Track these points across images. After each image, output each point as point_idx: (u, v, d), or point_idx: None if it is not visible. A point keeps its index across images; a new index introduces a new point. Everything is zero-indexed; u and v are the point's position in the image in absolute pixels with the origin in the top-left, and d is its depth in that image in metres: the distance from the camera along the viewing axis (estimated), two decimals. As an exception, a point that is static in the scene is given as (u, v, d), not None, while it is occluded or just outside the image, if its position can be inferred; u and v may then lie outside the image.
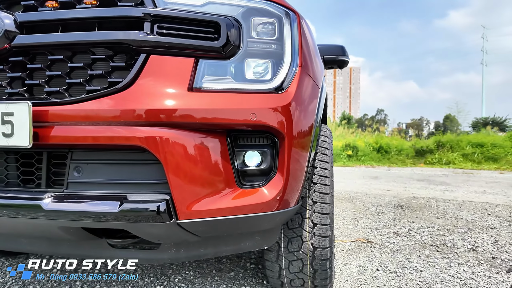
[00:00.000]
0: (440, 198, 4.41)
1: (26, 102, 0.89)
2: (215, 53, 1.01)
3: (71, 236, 1.03)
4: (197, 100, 0.96)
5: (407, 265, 1.96)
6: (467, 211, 3.54)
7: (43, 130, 0.93)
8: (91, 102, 0.93)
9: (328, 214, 1.32)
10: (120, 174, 0.98)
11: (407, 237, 2.55)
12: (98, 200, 0.93)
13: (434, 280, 1.75)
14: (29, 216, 0.95)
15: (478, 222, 3.05)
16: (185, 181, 0.94)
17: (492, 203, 4.04)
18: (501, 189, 5.48)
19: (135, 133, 0.91)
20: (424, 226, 2.90)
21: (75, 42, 0.95)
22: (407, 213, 3.44)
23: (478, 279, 1.77)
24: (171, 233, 0.97)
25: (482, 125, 24.96)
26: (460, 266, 1.95)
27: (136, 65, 0.96)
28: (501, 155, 10.50)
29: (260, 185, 1.04)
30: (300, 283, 1.41)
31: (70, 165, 0.98)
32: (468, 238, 2.52)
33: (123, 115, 0.92)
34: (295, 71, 1.10)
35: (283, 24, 1.10)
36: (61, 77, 0.98)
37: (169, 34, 0.98)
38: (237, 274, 1.81)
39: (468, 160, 10.77)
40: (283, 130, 1.03)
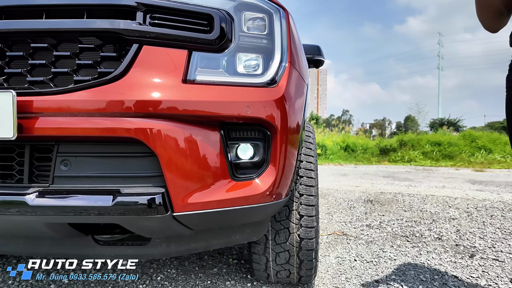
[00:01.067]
0: (405, 193, 4.67)
1: (10, 91, 0.84)
2: (208, 46, 1.01)
3: (56, 233, 0.98)
4: (192, 92, 0.96)
5: (382, 255, 2.06)
6: (430, 204, 3.78)
7: (28, 122, 0.88)
8: (83, 92, 0.90)
9: (314, 205, 1.36)
10: (110, 168, 0.95)
11: (379, 229, 2.68)
12: (89, 195, 0.90)
13: (407, 267, 1.86)
14: (11, 213, 0.89)
15: (441, 214, 3.27)
16: (180, 173, 0.93)
17: (452, 197, 4.35)
18: (458, 184, 5.90)
19: (130, 125, 0.89)
20: (394, 218, 3.06)
21: (64, 29, 0.91)
22: (376, 207, 3.61)
23: (446, 264, 1.91)
24: (166, 226, 0.96)
25: (438, 125, 26.63)
26: (429, 254, 2.08)
27: (128, 55, 0.93)
28: (456, 153, 11.29)
29: (253, 177, 1.05)
30: (286, 274, 1.44)
31: (56, 158, 0.94)
32: (433, 228, 2.70)
33: (117, 106, 0.90)
34: (285, 66, 1.13)
35: (273, 20, 1.13)
36: (48, 66, 0.93)
37: (162, 25, 0.97)
38: (220, 270, 1.81)
39: (427, 157, 11.46)
40: (276, 123, 1.05)
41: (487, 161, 10.24)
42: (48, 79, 0.93)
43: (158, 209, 0.89)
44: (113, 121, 0.89)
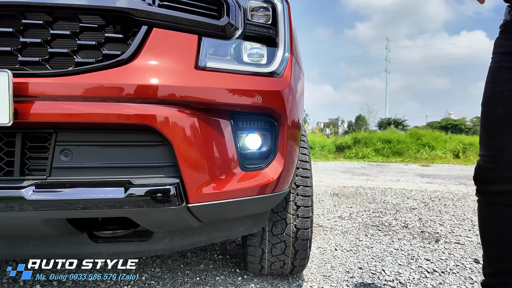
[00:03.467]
0: (366, 186, 4.94)
1: (5, 71, 0.75)
2: (217, 32, 0.98)
3: (52, 230, 0.89)
4: (205, 79, 0.92)
5: (359, 244, 2.17)
6: (391, 196, 4.05)
7: (24, 106, 0.79)
8: (88, 75, 0.82)
9: (309, 196, 1.39)
10: (117, 158, 0.88)
11: (350, 220, 2.81)
12: (96, 187, 0.83)
13: (384, 254, 1.98)
14: (3, 210, 0.79)
15: (402, 204, 3.52)
16: (195, 163, 0.89)
17: (407, 189, 4.69)
18: (410, 177, 6.39)
19: (144, 112, 0.83)
20: (361, 210, 3.23)
21: (70, 5, 0.82)
22: (343, 200, 3.78)
23: (417, 249, 2.06)
24: (178, 218, 0.92)
25: (386, 124, 28.54)
26: (400, 241, 2.23)
27: (137, 37, 0.88)
28: (404, 149, 12.19)
29: (262, 167, 1.05)
30: (280, 265, 1.46)
31: (55, 148, 0.85)
32: (399, 218, 2.90)
33: (128, 91, 0.83)
34: (288, 57, 1.14)
35: (277, 10, 1.13)
36: (47, 46, 0.84)
37: (172, 7, 0.92)
38: (207, 266, 1.77)
39: (379, 154, 12.23)
40: (284, 112, 1.06)
41: (430, 157, 11.20)
42: (46, 60, 0.84)
43: (174, 200, 0.85)
44: (126, 108, 0.83)
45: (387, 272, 1.70)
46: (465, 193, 4.33)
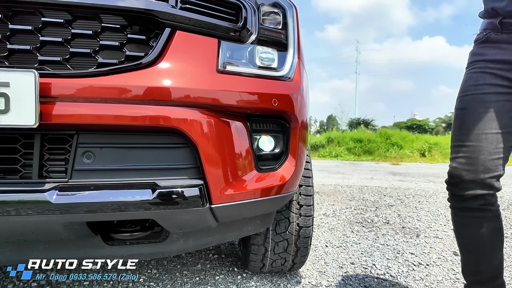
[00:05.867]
0: (343, 184, 5.12)
1: (32, 71, 0.72)
2: (235, 36, 1.00)
3: (71, 234, 0.87)
4: (226, 82, 0.94)
5: (347, 240, 2.26)
6: (368, 194, 4.22)
7: (48, 107, 0.77)
8: (114, 76, 0.82)
9: (311, 195, 1.44)
10: (141, 160, 0.88)
11: (335, 218, 2.91)
12: (122, 189, 0.82)
13: (372, 249, 2.08)
14: (25, 214, 0.77)
15: (380, 201, 3.69)
16: (218, 164, 0.91)
17: (382, 187, 4.92)
18: (382, 175, 6.68)
19: (172, 114, 0.84)
20: (343, 207, 3.35)
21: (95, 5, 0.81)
22: (324, 198, 3.90)
23: (401, 244, 2.19)
24: (200, 219, 0.93)
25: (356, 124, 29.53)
26: (384, 236, 2.35)
27: (161, 40, 0.88)
28: (374, 148, 12.71)
29: (276, 168, 1.08)
30: (281, 262, 1.50)
31: (76, 149, 0.83)
32: (379, 214, 3.04)
33: (154, 94, 0.83)
34: (296, 60, 1.18)
35: (287, 15, 1.16)
36: (71, 45, 0.82)
37: (193, 10, 0.93)
38: (204, 265, 1.78)
39: (351, 153, 12.67)
40: (295, 115, 1.09)
41: (399, 155, 11.76)
42: (67, 60, 0.82)
43: (200, 201, 0.86)
44: (153, 110, 0.83)
45: (378, 266, 1.80)
46: (435, 190, 4.61)
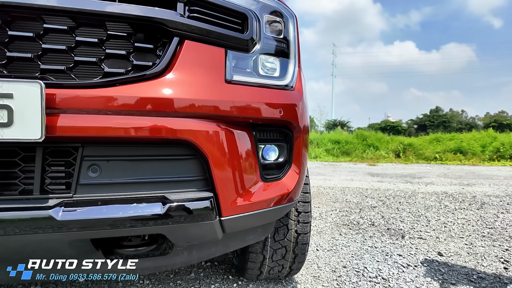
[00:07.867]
0: (325, 186, 5.20)
1: (38, 82, 0.68)
2: (241, 45, 1.00)
3: (74, 251, 0.83)
4: (234, 93, 0.93)
5: (336, 243, 2.30)
6: (351, 195, 4.32)
7: (53, 119, 0.73)
8: (121, 87, 0.78)
9: (309, 202, 1.45)
10: (149, 172, 0.85)
11: (322, 220, 2.95)
12: (131, 203, 0.79)
13: (361, 251, 2.13)
14: (28, 232, 0.72)
15: (363, 203, 3.78)
16: (228, 175, 0.90)
17: (362, 188, 5.04)
18: (361, 176, 6.84)
19: (184, 126, 0.82)
20: (328, 210, 3.40)
21: (100, 12, 0.77)
22: (309, 201, 3.94)
23: (388, 245, 2.25)
24: (209, 231, 0.91)
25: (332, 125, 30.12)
26: (372, 238, 2.41)
27: (169, 49, 0.85)
28: (352, 150, 13.01)
29: (280, 177, 1.08)
30: (279, 269, 1.50)
31: (82, 163, 0.79)
32: (364, 216, 3.12)
33: (162, 105, 0.81)
34: (297, 70, 1.19)
35: (289, 25, 1.17)
36: (75, 54, 0.78)
37: (201, 19, 0.91)
38: (197, 274, 1.75)
39: (329, 154, 12.90)
40: (298, 124, 1.10)
41: (375, 156, 12.10)
42: (70, 69, 0.78)
43: (211, 214, 0.85)
44: (163, 122, 0.80)
45: (369, 269, 1.84)
46: (413, 191, 4.78)
